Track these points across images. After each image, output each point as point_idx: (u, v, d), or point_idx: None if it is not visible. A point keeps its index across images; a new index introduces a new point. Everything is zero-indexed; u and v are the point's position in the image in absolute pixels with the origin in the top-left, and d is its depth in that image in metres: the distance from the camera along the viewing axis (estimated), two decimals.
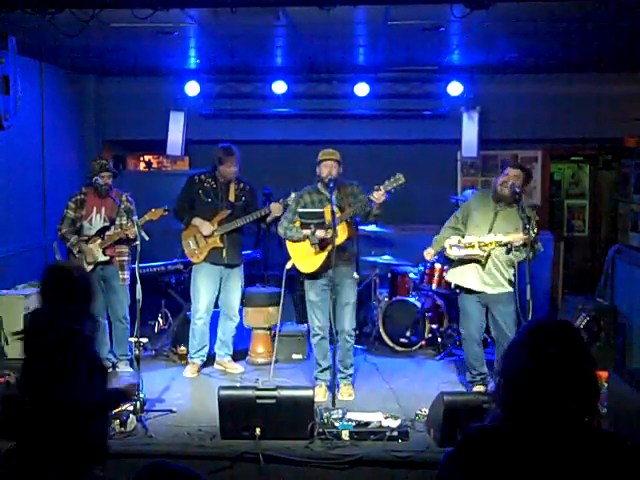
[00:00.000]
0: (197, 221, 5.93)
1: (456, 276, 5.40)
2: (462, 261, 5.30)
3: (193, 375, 5.96)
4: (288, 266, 5.49)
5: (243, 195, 6.02)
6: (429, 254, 5.55)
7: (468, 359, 5.47)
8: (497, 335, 5.33)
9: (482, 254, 5.15)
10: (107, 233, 5.82)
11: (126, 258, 5.91)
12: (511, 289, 5.19)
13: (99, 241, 5.81)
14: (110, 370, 6.04)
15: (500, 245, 5.09)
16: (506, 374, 1.89)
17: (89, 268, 5.78)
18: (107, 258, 5.82)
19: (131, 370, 5.91)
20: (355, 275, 5.50)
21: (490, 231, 5.19)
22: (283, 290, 5.62)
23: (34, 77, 6.89)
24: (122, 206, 5.88)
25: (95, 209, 5.86)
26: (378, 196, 5.09)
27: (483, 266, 5.21)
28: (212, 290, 5.99)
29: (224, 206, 5.94)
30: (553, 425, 1.79)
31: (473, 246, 5.15)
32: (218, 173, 5.95)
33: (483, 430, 1.89)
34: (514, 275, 5.18)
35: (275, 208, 5.79)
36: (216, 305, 6.12)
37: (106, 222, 5.85)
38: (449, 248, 5.28)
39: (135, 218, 5.52)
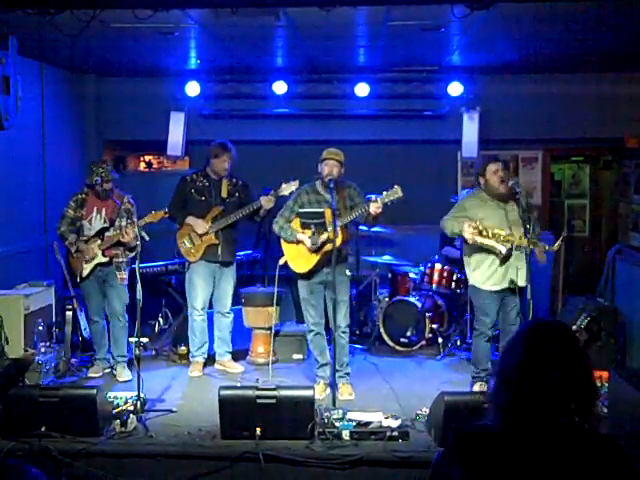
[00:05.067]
0: (190, 220, 5.93)
1: (483, 281, 5.28)
2: (480, 263, 5.23)
3: (200, 374, 5.95)
4: (281, 262, 5.49)
5: (236, 191, 6.02)
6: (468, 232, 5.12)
7: (476, 354, 5.44)
8: (505, 329, 5.33)
9: (501, 249, 5.04)
10: (106, 234, 5.78)
11: (122, 259, 5.86)
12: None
13: (98, 242, 5.77)
14: (107, 371, 6.03)
15: (519, 247, 5.02)
16: (502, 374, 1.90)
17: (88, 268, 5.79)
18: (107, 259, 5.78)
19: (129, 372, 5.87)
20: (348, 272, 5.53)
21: (510, 230, 5.11)
22: (276, 287, 5.61)
23: (34, 77, 6.88)
24: (122, 207, 5.85)
25: (95, 209, 5.82)
26: (375, 208, 5.07)
27: (501, 262, 5.10)
28: (208, 288, 6.01)
29: (217, 203, 5.94)
30: (547, 426, 1.79)
31: (498, 237, 5.05)
32: (210, 169, 5.96)
33: (477, 429, 1.90)
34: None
35: (265, 201, 5.77)
36: (210, 306, 6.13)
37: (106, 223, 5.80)
38: (471, 229, 5.04)
39: (135, 219, 5.51)
